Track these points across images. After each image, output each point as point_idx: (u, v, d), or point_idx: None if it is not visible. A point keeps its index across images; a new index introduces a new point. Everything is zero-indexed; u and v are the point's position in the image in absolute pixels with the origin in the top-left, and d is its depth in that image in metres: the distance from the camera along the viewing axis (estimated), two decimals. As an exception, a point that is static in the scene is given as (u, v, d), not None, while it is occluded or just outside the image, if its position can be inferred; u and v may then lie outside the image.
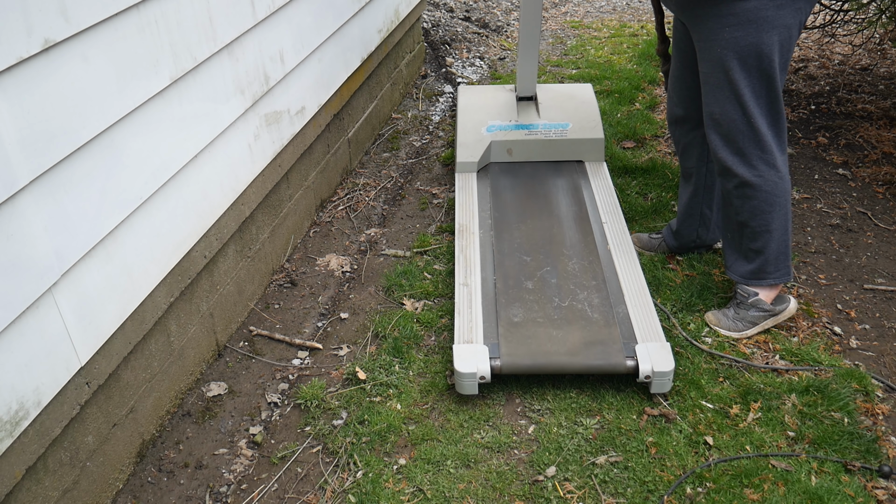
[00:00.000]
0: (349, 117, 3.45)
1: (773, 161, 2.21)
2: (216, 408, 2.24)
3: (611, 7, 6.13)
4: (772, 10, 2.04)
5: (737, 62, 2.11)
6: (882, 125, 3.64)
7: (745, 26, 2.06)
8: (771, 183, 2.22)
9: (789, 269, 2.35)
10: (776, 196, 2.24)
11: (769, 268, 2.33)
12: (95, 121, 1.70)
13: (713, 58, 2.15)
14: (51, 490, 1.72)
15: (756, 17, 2.05)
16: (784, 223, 2.29)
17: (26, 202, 1.55)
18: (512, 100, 3.27)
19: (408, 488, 1.93)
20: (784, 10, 2.05)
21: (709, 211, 2.64)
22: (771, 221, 2.27)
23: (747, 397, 2.16)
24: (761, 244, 2.30)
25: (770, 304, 2.37)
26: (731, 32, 2.09)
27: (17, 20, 1.46)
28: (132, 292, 1.92)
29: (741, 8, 2.05)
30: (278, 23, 2.54)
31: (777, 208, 2.25)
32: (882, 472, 1.91)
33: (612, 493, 1.90)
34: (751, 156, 2.20)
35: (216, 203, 2.28)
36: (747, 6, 2.04)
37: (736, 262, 2.39)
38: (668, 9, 2.32)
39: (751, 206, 2.26)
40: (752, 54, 2.09)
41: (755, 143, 2.19)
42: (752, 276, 2.36)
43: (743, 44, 2.08)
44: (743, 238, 2.34)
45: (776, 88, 2.14)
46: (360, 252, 2.95)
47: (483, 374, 2.12)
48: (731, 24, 2.08)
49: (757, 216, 2.26)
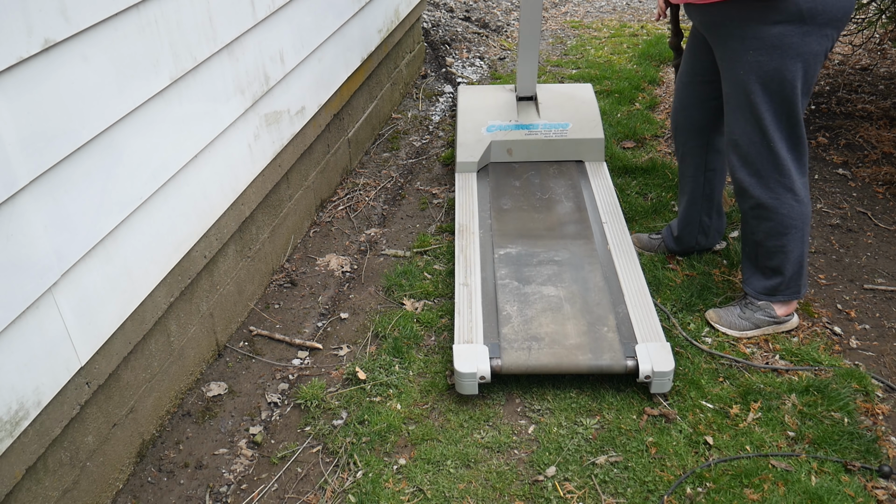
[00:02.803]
0: (349, 117, 3.45)
1: (791, 185, 2.18)
2: (216, 408, 2.24)
3: (611, 7, 6.13)
4: (797, 37, 1.99)
5: (759, 86, 2.07)
6: (882, 125, 3.64)
7: (770, 51, 2.02)
8: (787, 206, 2.20)
9: (802, 287, 2.35)
10: (792, 219, 2.21)
11: (783, 286, 2.34)
12: (95, 121, 1.70)
13: (735, 79, 2.11)
14: (51, 490, 1.72)
15: (781, 44, 2.00)
16: (801, 245, 2.26)
17: (26, 202, 1.55)
18: (512, 100, 3.27)
19: (408, 488, 1.93)
20: (810, 37, 2.00)
21: (708, 219, 2.64)
22: (787, 244, 2.25)
23: (747, 397, 2.16)
24: (777, 263, 2.30)
25: (778, 314, 2.38)
26: (754, 56, 2.04)
27: (17, 20, 1.46)
28: (132, 292, 1.92)
29: (767, 33, 2.00)
30: (278, 23, 2.54)
31: (793, 231, 2.23)
32: (882, 472, 1.91)
33: (612, 493, 1.90)
34: (768, 178, 2.18)
35: (216, 203, 2.28)
36: (773, 31, 1.99)
37: (752, 277, 2.39)
38: (691, 20, 2.27)
39: (766, 227, 2.25)
40: (774, 80, 2.04)
41: (774, 166, 2.16)
42: (766, 292, 2.37)
43: (766, 69, 2.04)
44: (759, 256, 2.34)
45: (797, 114, 2.10)
46: (360, 252, 2.95)
47: (483, 374, 2.12)
48: (755, 47, 2.03)
49: (772, 237, 2.25)
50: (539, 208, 2.86)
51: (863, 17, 4.17)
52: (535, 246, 2.64)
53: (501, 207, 2.88)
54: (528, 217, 2.81)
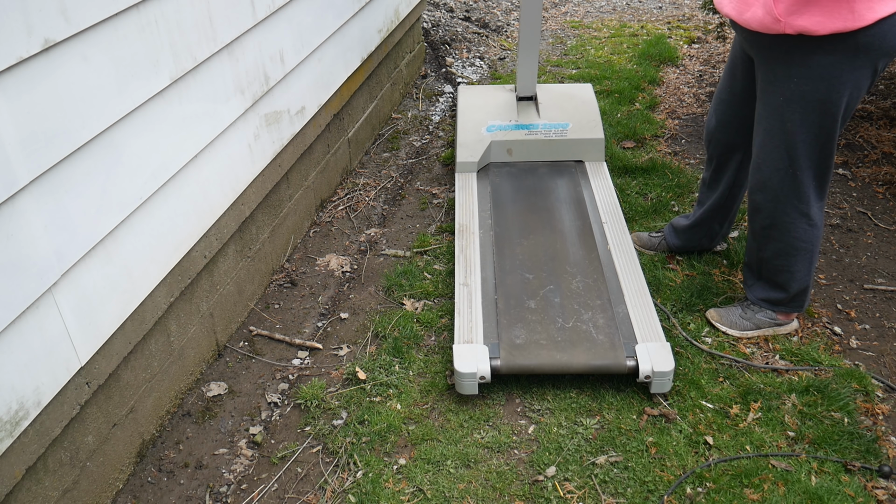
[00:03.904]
0: (349, 117, 3.45)
1: (808, 210, 2.13)
2: (216, 408, 2.24)
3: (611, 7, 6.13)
4: (847, 70, 1.89)
5: (798, 116, 1.99)
6: (882, 125, 3.64)
7: (816, 82, 1.92)
8: (800, 230, 2.16)
9: (804, 302, 2.34)
10: (802, 242, 2.18)
11: (785, 300, 2.33)
12: (95, 121, 1.70)
13: (774, 105, 2.03)
14: (51, 490, 1.72)
15: (829, 75, 1.90)
16: (808, 266, 2.24)
17: (26, 202, 1.55)
18: (512, 100, 3.27)
19: (408, 488, 1.93)
20: (860, 71, 1.89)
21: (718, 227, 2.64)
22: (793, 265, 2.23)
23: (747, 397, 2.16)
24: (782, 281, 2.29)
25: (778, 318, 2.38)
26: (798, 85, 1.95)
27: (17, 20, 1.46)
28: (132, 292, 1.92)
29: (816, 62, 1.89)
30: (278, 23, 2.54)
31: (802, 253, 2.20)
32: (882, 472, 1.91)
33: (612, 493, 1.90)
34: (786, 204, 2.13)
35: (216, 203, 2.28)
36: (823, 62, 1.88)
37: (755, 286, 2.38)
38: (737, 34, 2.16)
39: (775, 247, 2.22)
40: (816, 111, 1.96)
41: (793, 192, 2.11)
42: (768, 303, 2.36)
43: (809, 99, 1.95)
44: (763, 270, 2.32)
45: (832, 146, 2.03)
46: (360, 252, 2.95)
47: (483, 374, 2.12)
48: (800, 75, 1.94)
49: (780, 257, 2.23)
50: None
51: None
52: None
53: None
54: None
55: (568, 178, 3.06)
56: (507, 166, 3.16)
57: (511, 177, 3.09)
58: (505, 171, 3.13)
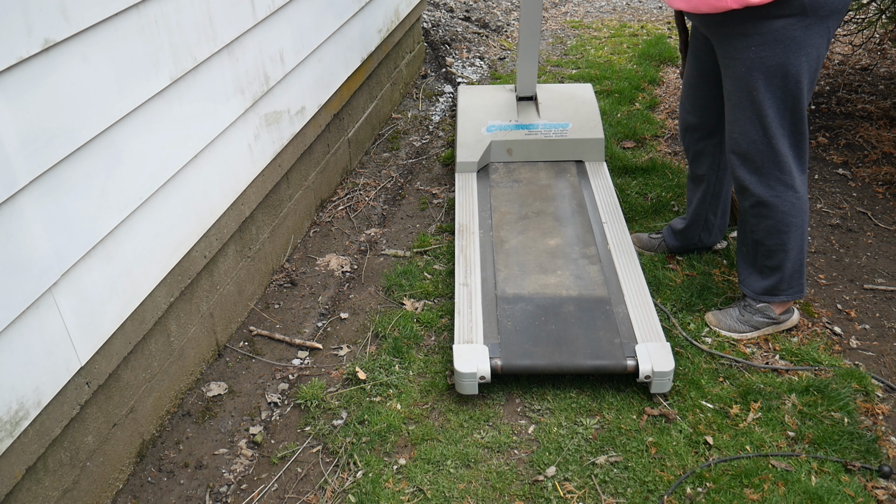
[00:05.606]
0: (349, 117, 3.45)
1: (792, 182, 2.17)
2: (216, 408, 2.24)
3: (611, 7, 6.13)
4: (800, 31, 1.96)
5: (762, 83, 2.04)
6: (882, 125, 3.64)
7: (772, 46, 1.99)
8: (788, 203, 2.19)
9: (803, 286, 2.34)
10: (792, 216, 2.20)
11: (783, 285, 2.33)
12: (95, 121, 1.70)
13: (737, 77, 2.09)
14: (51, 490, 1.72)
15: (783, 38, 1.98)
16: (800, 243, 2.26)
17: (26, 202, 1.55)
18: (512, 100, 3.27)
19: (408, 488, 1.93)
20: (812, 29, 1.97)
21: (713, 217, 2.64)
22: (787, 241, 2.24)
23: (747, 397, 2.16)
24: (777, 262, 2.29)
25: (777, 314, 2.38)
26: (756, 52, 2.02)
27: (17, 20, 1.46)
28: (132, 292, 1.92)
29: (769, 28, 1.97)
30: (278, 23, 2.54)
31: (793, 228, 2.22)
32: (882, 472, 1.91)
33: (612, 493, 1.90)
34: (768, 176, 2.17)
35: (216, 203, 2.28)
36: (775, 26, 1.97)
37: (750, 277, 2.38)
38: (691, 20, 2.25)
39: (766, 225, 2.23)
40: (778, 75, 2.02)
41: (774, 163, 2.14)
42: (765, 293, 2.35)
43: (769, 64, 2.01)
44: (758, 255, 2.32)
45: (801, 110, 2.08)
46: (360, 252, 2.95)
47: (483, 374, 2.12)
48: (757, 43, 2.01)
49: (773, 235, 2.24)
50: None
51: (863, 17, 4.17)
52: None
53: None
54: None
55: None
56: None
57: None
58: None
